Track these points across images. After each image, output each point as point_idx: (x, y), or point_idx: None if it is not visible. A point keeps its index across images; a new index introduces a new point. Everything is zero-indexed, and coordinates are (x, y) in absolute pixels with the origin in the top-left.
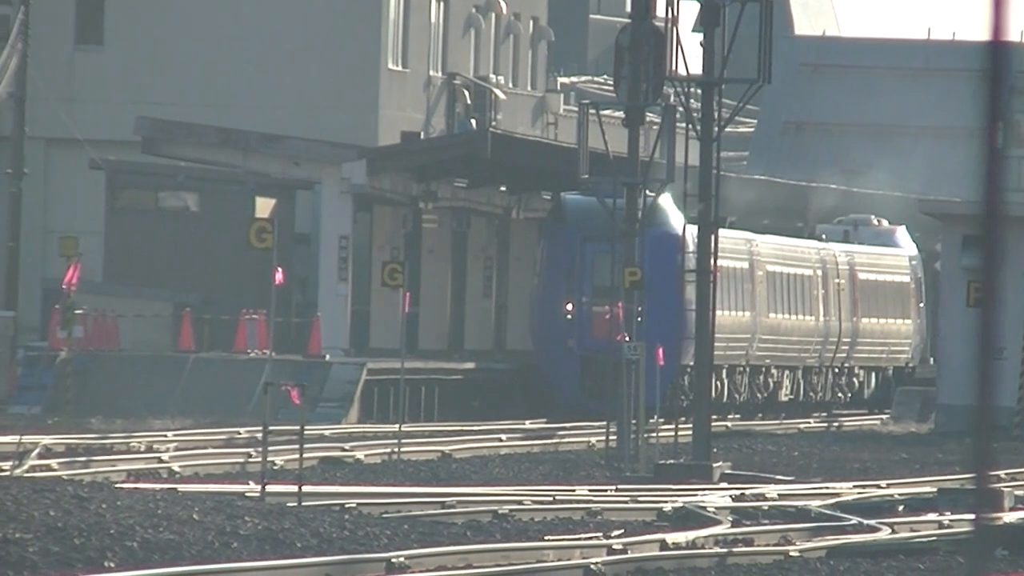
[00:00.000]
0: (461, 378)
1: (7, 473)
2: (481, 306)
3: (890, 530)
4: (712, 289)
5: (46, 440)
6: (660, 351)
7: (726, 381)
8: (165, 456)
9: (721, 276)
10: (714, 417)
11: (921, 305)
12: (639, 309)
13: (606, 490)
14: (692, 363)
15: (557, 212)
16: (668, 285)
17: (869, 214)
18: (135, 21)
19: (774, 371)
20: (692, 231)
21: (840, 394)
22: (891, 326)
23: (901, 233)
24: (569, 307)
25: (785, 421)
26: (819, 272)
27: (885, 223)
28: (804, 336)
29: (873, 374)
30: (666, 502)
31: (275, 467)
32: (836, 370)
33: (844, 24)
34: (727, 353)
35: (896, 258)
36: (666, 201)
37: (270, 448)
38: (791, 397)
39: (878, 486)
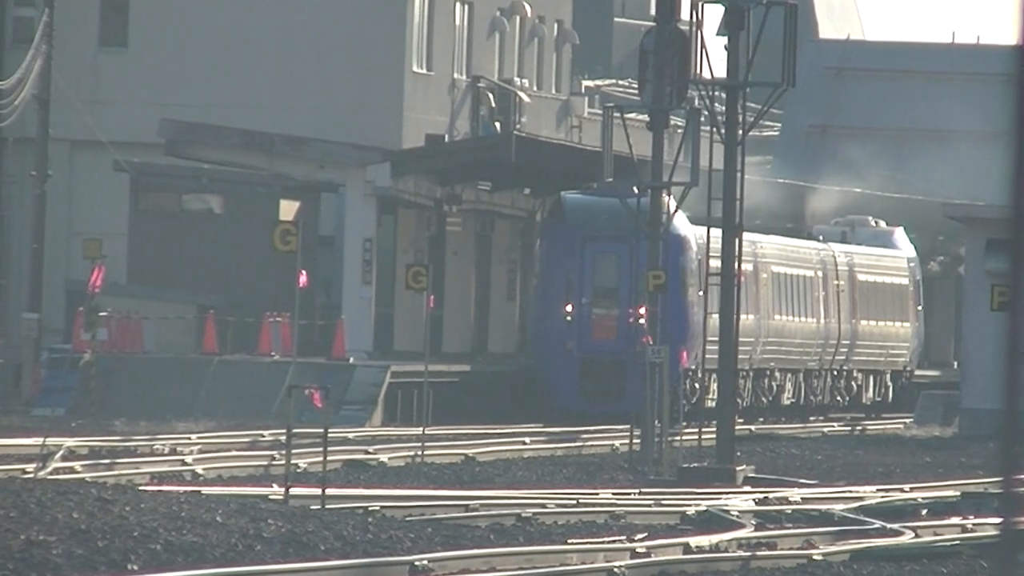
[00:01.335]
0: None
1: (31, 475)
2: (505, 309)
3: (913, 534)
4: (736, 293)
5: (70, 442)
6: (684, 353)
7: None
8: (189, 458)
9: None
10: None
11: (919, 308)
12: (642, 312)
13: (629, 493)
14: (693, 367)
15: (556, 211)
16: (668, 287)
17: (866, 215)
18: (159, 23)
19: (777, 374)
20: (694, 232)
21: (839, 397)
22: (889, 328)
23: (899, 234)
24: (568, 308)
25: (809, 425)
26: (820, 273)
27: (883, 224)
28: (806, 339)
29: (871, 377)
30: (689, 505)
31: (299, 470)
32: (835, 373)
33: (869, 28)
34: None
35: (894, 260)
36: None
37: (294, 451)
38: (793, 401)
39: (901, 490)
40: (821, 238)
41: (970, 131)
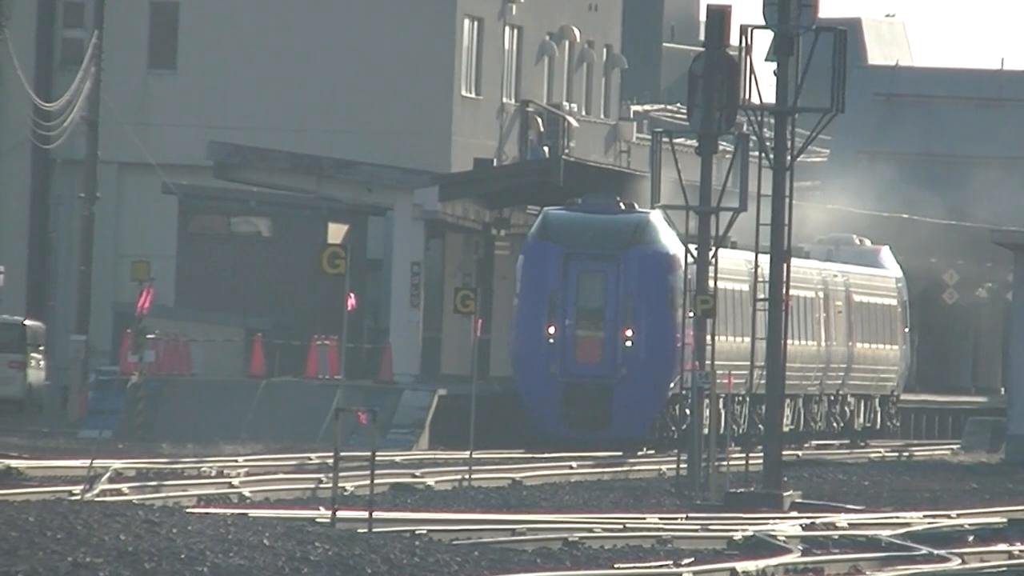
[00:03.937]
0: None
1: (78, 497)
2: None
3: (960, 560)
4: (785, 318)
5: (117, 464)
6: (730, 378)
7: (723, 411)
8: (236, 481)
9: (726, 300)
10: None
11: (907, 330)
12: (628, 334)
13: (676, 518)
14: (683, 390)
15: (540, 228)
16: (656, 308)
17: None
18: (208, 46)
19: None
20: (685, 251)
21: (834, 423)
22: (881, 351)
23: (885, 253)
24: (551, 330)
25: (856, 450)
26: (821, 294)
27: (867, 242)
28: (807, 362)
29: (863, 402)
30: (736, 530)
31: (346, 493)
32: (831, 398)
33: (917, 54)
34: (727, 381)
35: (884, 280)
36: (656, 219)
37: (341, 474)
38: (792, 427)
39: (948, 516)
40: (807, 256)
41: (1020, 158)
